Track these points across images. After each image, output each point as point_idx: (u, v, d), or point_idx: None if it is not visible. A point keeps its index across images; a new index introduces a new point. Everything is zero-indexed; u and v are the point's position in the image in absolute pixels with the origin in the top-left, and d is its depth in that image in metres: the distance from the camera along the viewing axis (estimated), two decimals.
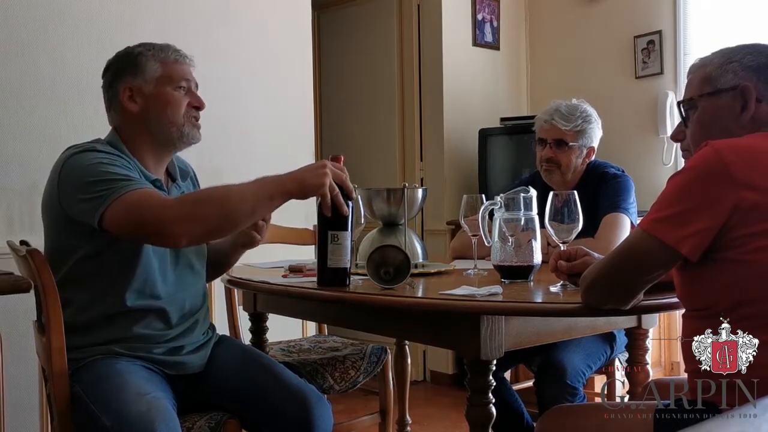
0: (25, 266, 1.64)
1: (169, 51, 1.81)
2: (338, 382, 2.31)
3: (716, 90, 1.40)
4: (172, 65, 1.79)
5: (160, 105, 1.77)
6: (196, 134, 1.82)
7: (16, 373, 2.34)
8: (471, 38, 4.28)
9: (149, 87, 1.76)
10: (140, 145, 1.78)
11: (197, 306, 1.85)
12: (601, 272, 1.39)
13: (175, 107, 1.78)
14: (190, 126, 1.80)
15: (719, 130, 1.38)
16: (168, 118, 1.77)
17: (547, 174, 2.40)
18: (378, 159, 4.46)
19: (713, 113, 1.41)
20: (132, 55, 1.77)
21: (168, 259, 1.77)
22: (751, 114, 1.37)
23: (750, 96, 1.37)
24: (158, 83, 1.77)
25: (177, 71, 1.80)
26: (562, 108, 2.37)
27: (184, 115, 1.79)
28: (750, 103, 1.37)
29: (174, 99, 1.78)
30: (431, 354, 4.27)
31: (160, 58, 1.78)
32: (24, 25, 2.62)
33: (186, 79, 1.81)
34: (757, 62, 1.38)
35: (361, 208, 2.06)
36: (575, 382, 2.10)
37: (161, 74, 1.78)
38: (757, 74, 1.38)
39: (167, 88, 1.78)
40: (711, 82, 1.41)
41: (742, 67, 1.38)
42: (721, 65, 1.40)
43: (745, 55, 1.39)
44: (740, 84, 1.38)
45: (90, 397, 1.57)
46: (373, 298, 1.63)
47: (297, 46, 3.46)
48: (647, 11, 3.92)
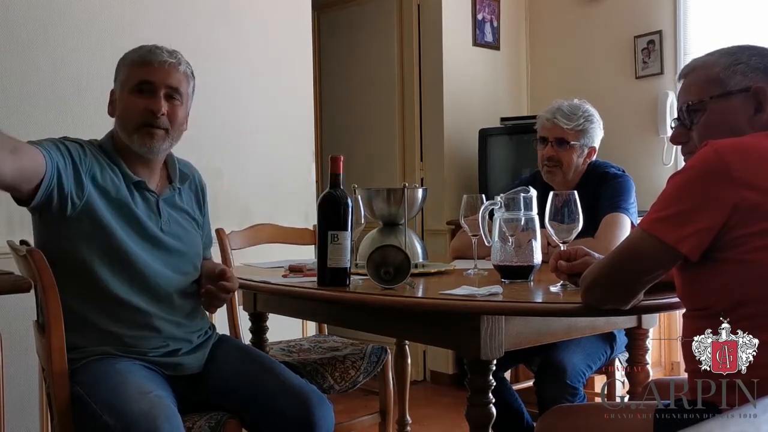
0: (25, 266, 1.65)
1: (142, 51, 1.74)
2: (338, 382, 2.31)
3: (727, 92, 1.38)
4: (137, 67, 1.73)
5: (121, 110, 1.74)
6: (144, 146, 1.71)
7: (16, 373, 2.34)
8: (471, 38, 4.28)
9: (119, 92, 1.76)
10: (124, 148, 1.77)
11: (189, 309, 1.84)
12: (601, 272, 1.39)
13: (126, 114, 1.72)
14: (140, 135, 1.71)
15: (729, 132, 1.36)
16: (122, 126, 1.74)
17: (549, 174, 2.40)
18: (378, 159, 4.46)
19: (723, 115, 1.39)
20: (121, 60, 1.77)
21: (156, 260, 1.77)
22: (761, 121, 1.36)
23: (765, 97, 1.36)
24: (122, 87, 1.74)
25: (138, 73, 1.72)
26: (564, 107, 2.37)
27: (135, 123, 1.71)
28: (765, 105, 1.36)
29: (126, 104, 1.72)
30: (431, 354, 4.27)
31: (129, 60, 1.74)
32: (24, 26, 2.62)
33: (148, 81, 1.71)
34: (764, 64, 1.37)
35: (361, 208, 2.06)
36: (575, 382, 2.10)
37: (125, 77, 1.74)
38: (765, 76, 1.37)
39: (124, 92, 1.73)
40: (720, 84, 1.39)
41: (751, 69, 1.37)
42: (729, 66, 1.38)
43: (750, 57, 1.38)
44: (752, 86, 1.36)
45: (91, 396, 1.57)
46: (373, 298, 1.64)
47: (297, 46, 3.46)
48: (647, 11, 3.92)
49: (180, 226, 1.85)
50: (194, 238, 1.89)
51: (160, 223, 1.80)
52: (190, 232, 1.88)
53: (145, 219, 1.76)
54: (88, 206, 1.66)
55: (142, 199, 1.78)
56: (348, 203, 1.74)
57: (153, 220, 1.78)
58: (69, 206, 1.63)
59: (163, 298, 1.76)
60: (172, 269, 1.79)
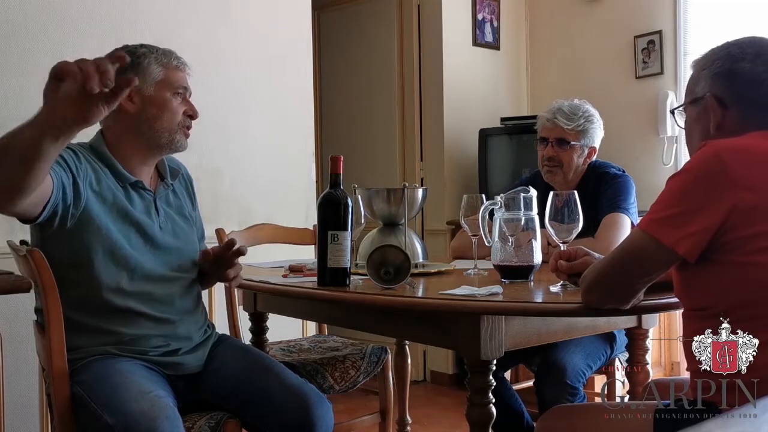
0: (25, 266, 1.65)
1: (172, 57, 1.82)
2: (338, 382, 2.31)
3: (694, 99, 1.45)
4: (174, 71, 1.81)
5: (157, 109, 1.77)
6: (184, 143, 1.84)
7: (16, 373, 2.35)
8: (471, 38, 4.28)
9: (149, 89, 1.77)
10: (127, 146, 1.78)
11: (190, 307, 1.84)
12: (601, 272, 1.39)
13: (172, 113, 1.80)
14: (181, 134, 1.82)
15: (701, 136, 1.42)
16: (162, 124, 1.78)
17: (549, 174, 2.40)
18: (378, 159, 4.46)
19: (694, 120, 1.46)
20: (135, 54, 1.77)
21: (156, 260, 1.77)
22: (718, 122, 1.39)
23: (712, 106, 1.40)
24: (158, 87, 1.78)
25: (178, 78, 1.81)
26: (565, 107, 2.38)
27: (178, 123, 1.80)
28: (715, 113, 1.39)
29: (171, 105, 1.79)
30: (431, 354, 4.27)
31: (164, 62, 1.79)
32: (24, 26, 2.62)
33: (184, 87, 1.83)
34: (723, 68, 1.39)
35: (361, 208, 2.06)
36: (575, 382, 2.10)
37: (162, 78, 1.78)
38: (723, 81, 1.39)
39: (166, 93, 1.79)
40: (691, 91, 1.46)
41: (710, 75, 1.41)
42: (697, 74, 1.45)
43: (714, 61, 1.41)
44: (705, 94, 1.41)
45: (91, 396, 1.57)
46: (373, 298, 1.64)
47: (297, 46, 3.46)
48: (647, 11, 3.92)
49: (176, 224, 1.86)
50: (191, 235, 1.90)
51: (158, 221, 1.80)
52: (186, 228, 1.89)
53: (144, 219, 1.77)
54: (86, 213, 1.67)
55: (139, 199, 1.78)
56: (348, 203, 1.74)
57: (151, 220, 1.79)
58: (69, 218, 1.64)
59: (163, 297, 1.76)
60: (171, 268, 1.80)
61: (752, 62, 1.37)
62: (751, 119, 1.36)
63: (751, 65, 1.37)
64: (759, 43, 1.40)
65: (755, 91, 1.37)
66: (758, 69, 1.37)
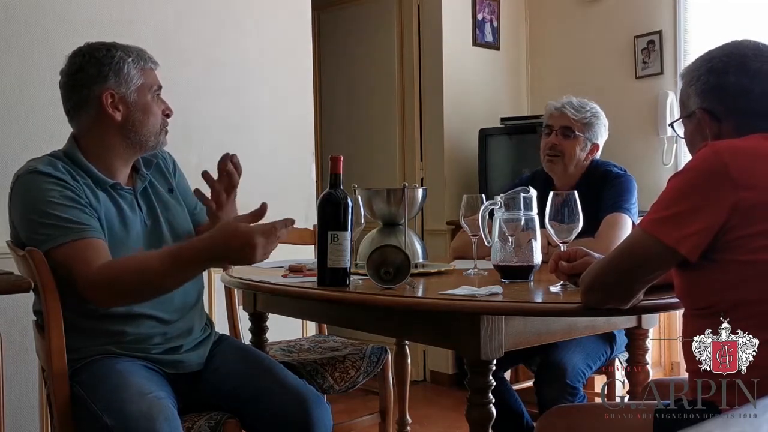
0: (25, 266, 1.65)
1: (145, 57, 1.82)
2: (338, 382, 2.31)
3: (688, 114, 1.46)
4: (149, 72, 1.82)
5: (142, 114, 1.78)
6: (165, 141, 1.87)
7: (16, 373, 2.35)
8: (471, 38, 4.28)
9: (132, 96, 1.77)
10: (107, 151, 1.78)
11: (191, 303, 1.85)
12: (601, 272, 1.39)
13: (155, 116, 1.81)
14: (163, 134, 1.85)
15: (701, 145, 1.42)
16: (148, 128, 1.79)
17: (550, 164, 2.40)
18: (378, 159, 4.46)
19: (691, 132, 1.47)
20: (112, 59, 1.75)
21: None
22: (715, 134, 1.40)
23: (705, 120, 1.41)
24: (140, 92, 1.78)
25: (153, 78, 1.82)
26: (574, 100, 2.42)
27: (161, 124, 1.82)
28: (710, 127, 1.41)
29: (153, 108, 1.81)
30: (431, 354, 4.27)
31: (140, 66, 1.79)
32: (25, 26, 2.62)
33: (159, 85, 1.84)
34: (709, 84, 1.40)
35: (361, 208, 2.06)
36: (575, 382, 2.10)
37: (142, 83, 1.79)
38: (712, 96, 1.40)
39: (147, 96, 1.80)
40: (683, 105, 1.48)
41: (697, 92, 1.42)
42: (685, 89, 1.46)
43: (699, 77, 1.42)
44: (697, 109, 1.42)
45: (91, 396, 1.57)
46: (373, 298, 1.64)
47: (297, 46, 3.46)
48: (647, 11, 3.92)
49: (165, 210, 1.86)
50: (180, 217, 1.90)
51: (143, 216, 1.80)
52: (173, 211, 1.89)
53: (132, 219, 1.77)
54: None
55: (121, 200, 1.78)
56: (348, 203, 1.74)
57: (138, 217, 1.79)
58: None
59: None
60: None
61: (736, 75, 1.38)
62: (746, 128, 1.37)
63: (735, 78, 1.37)
64: (739, 53, 1.40)
65: (746, 102, 1.38)
66: (743, 81, 1.37)
